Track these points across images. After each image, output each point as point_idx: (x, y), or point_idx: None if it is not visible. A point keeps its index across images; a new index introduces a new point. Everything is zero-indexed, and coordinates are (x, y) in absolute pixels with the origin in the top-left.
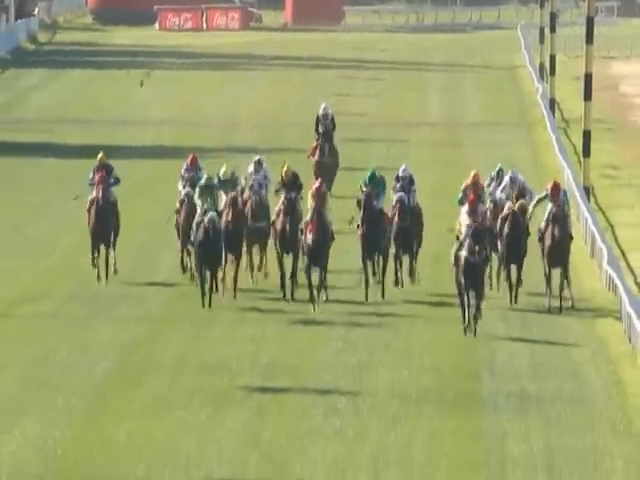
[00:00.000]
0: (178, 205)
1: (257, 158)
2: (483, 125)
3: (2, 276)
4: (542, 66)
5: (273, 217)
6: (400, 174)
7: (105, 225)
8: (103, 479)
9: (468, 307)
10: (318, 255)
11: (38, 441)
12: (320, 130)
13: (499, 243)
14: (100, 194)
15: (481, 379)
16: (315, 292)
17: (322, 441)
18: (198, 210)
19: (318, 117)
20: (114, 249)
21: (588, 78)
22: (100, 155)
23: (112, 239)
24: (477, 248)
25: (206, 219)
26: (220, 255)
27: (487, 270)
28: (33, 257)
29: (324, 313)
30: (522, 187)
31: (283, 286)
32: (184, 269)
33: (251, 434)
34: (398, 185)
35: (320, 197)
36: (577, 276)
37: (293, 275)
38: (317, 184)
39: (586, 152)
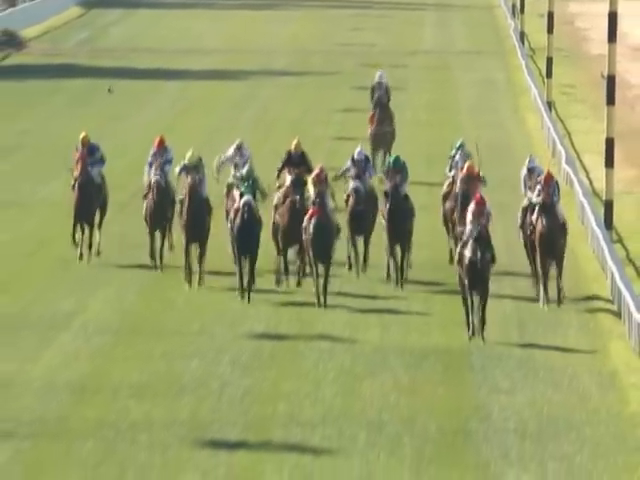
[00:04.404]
0: (146, 189)
1: (238, 142)
2: (467, 53)
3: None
4: (514, 6)
5: (275, 201)
6: (355, 157)
7: (88, 205)
8: (166, 332)
9: (472, 311)
10: (321, 247)
11: (115, 303)
12: (375, 100)
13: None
14: (80, 172)
15: None
16: (321, 286)
17: (339, 302)
18: (236, 199)
19: (373, 86)
20: (99, 230)
21: (550, 15)
22: (82, 134)
23: (98, 220)
24: (479, 254)
25: (242, 202)
26: (257, 239)
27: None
28: (109, 159)
29: None
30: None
31: (279, 280)
32: (152, 256)
33: (283, 299)
34: (354, 169)
35: (321, 184)
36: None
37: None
38: (317, 170)
39: (549, 74)
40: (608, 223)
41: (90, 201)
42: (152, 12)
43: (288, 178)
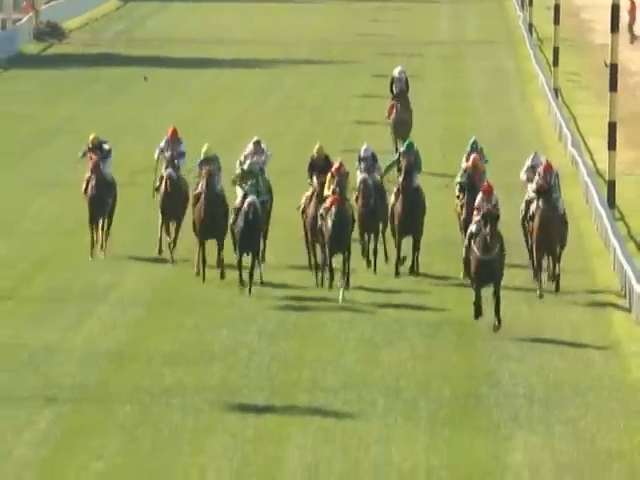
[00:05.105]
0: (158, 182)
1: (256, 139)
2: (479, 43)
3: (122, 157)
4: None
5: (302, 204)
6: (362, 155)
7: (102, 206)
8: (197, 304)
9: (479, 300)
10: (339, 240)
11: (149, 278)
12: (395, 91)
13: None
14: (94, 181)
15: None
16: (338, 279)
17: (357, 283)
18: (239, 193)
19: (393, 78)
20: (109, 228)
21: (557, 8)
22: (92, 136)
23: (109, 219)
24: (489, 232)
25: (246, 203)
26: (259, 237)
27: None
28: (145, 142)
29: None
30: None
31: (316, 271)
32: (160, 250)
33: (307, 275)
34: (362, 166)
35: (341, 176)
36: (547, 156)
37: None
38: (337, 165)
39: (555, 62)
40: (611, 202)
41: (104, 202)
42: (185, 5)
43: (315, 181)
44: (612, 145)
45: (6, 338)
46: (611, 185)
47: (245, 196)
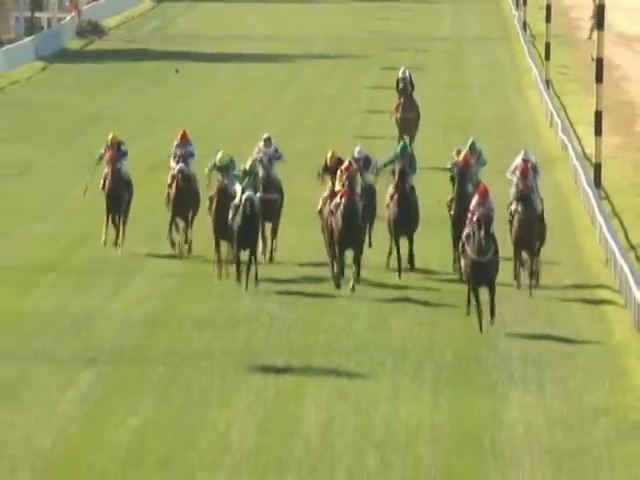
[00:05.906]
0: (170, 179)
1: (266, 135)
2: (478, 39)
3: (155, 142)
4: None
5: (319, 205)
6: (356, 156)
7: (119, 204)
8: (223, 276)
9: (477, 301)
10: (349, 237)
11: (164, 268)
12: (401, 90)
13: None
14: (111, 172)
15: None
16: (349, 276)
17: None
18: (237, 193)
19: (398, 79)
20: (124, 224)
21: (548, 7)
22: (111, 135)
23: (124, 213)
24: (483, 235)
25: (244, 197)
26: (257, 233)
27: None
28: (176, 129)
29: None
30: (533, 167)
31: (334, 272)
32: (172, 244)
33: (320, 252)
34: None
35: (350, 177)
36: (539, 142)
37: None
38: (346, 164)
39: (547, 57)
40: (597, 183)
41: (121, 199)
42: (213, 5)
43: (329, 184)
44: (598, 131)
45: (51, 306)
46: (597, 167)
47: (243, 192)
